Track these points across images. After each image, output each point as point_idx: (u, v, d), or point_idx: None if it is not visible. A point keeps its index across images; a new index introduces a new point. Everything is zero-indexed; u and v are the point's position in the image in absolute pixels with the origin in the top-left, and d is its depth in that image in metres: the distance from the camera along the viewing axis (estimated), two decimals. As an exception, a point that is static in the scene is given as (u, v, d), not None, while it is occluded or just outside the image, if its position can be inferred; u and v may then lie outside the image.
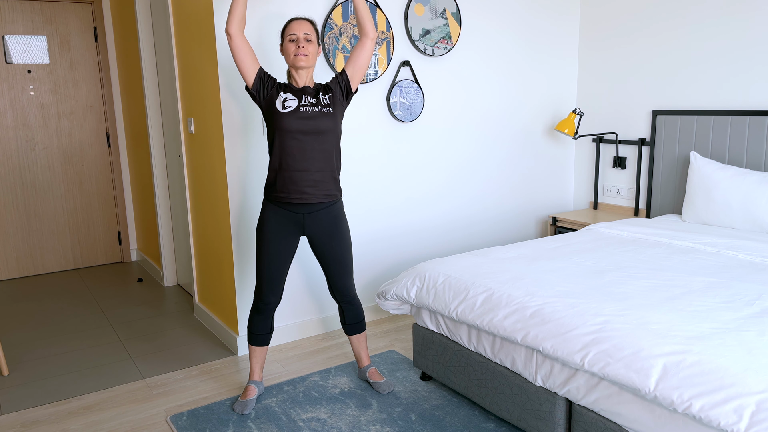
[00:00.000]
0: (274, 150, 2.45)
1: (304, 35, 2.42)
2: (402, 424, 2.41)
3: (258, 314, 2.57)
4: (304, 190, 2.45)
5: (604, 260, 2.60)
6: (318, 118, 2.42)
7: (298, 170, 2.43)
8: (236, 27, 2.39)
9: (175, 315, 3.76)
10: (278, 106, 2.42)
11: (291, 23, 2.45)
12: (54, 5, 4.56)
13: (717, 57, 3.43)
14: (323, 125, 2.42)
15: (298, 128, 2.40)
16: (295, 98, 2.43)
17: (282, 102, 2.42)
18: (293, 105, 2.41)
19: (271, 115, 2.43)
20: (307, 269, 3.29)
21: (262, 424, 2.44)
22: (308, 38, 2.43)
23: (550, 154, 4.19)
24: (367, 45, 2.51)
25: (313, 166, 2.44)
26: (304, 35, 2.42)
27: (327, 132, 2.44)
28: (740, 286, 2.22)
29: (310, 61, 2.44)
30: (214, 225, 3.24)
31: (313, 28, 2.48)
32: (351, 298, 2.65)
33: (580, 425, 2.01)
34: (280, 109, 2.41)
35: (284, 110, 2.40)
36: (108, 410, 2.60)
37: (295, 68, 2.45)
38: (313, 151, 2.43)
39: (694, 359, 1.66)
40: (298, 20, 2.45)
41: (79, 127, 4.76)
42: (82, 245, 4.88)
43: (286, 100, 2.43)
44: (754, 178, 3.07)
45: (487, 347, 2.31)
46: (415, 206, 3.64)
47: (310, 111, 2.42)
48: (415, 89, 3.46)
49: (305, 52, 2.41)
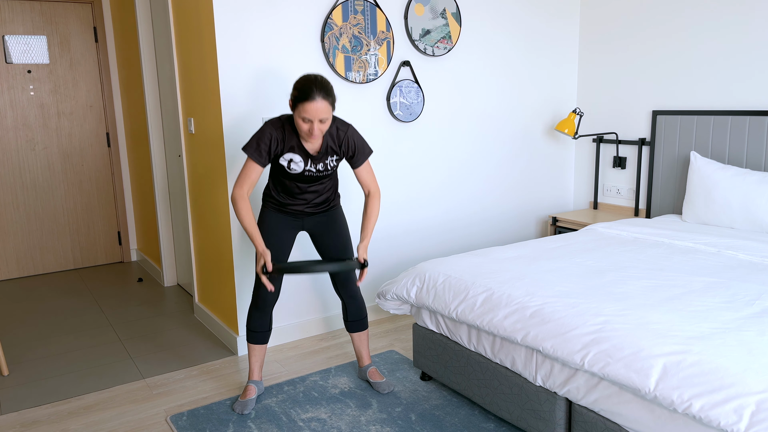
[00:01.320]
0: (275, 181, 2.49)
1: (320, 121, 2.24)
2: (402, 424, 2.41)
3: (256, 310, 2.57)
4: (304, 210, 2.54)
5: (604, 260, 2.60)
6: (320, 176, 2.46)
7: (298, 201, 2.51)
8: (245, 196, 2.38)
9: (175, 315, 3.76)
10: (284, 164, 2.40)
11: (306, 105, 2.21)
12: (54, 5, 4.56)
13: (717, 57, 3.43)
14: (325, 177, 2.49)
15: (300, 181, 2.46)
16: (301, 161, 2.38)
17: (288, 162, 2.39)
18: (298, 169, 2.40)
19: (276, 163, 2.43)
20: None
21: (262, 424, 2.44)
22: (323, 121, 2.26)
23: (550, 154, 4.19)
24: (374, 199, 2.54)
25: (312, 196, 2.52)
26: (319, 121, 2.24)
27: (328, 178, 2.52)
28: (740, 286, 2.22)
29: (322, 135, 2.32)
30: (214, 225, 3.24)
31: (331, 104, 2.26)
32: (354, 293, 2.67)
33: (580, 425, 2.01)
34: (285, 168, 2.41)
35: (289, 170, 2.41)
36: (108, 410, 2.60)
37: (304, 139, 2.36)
38: (314, 188, 2.50)
39: (694, 359, 1.66)
40: (315, 104, 2.20)
41: (79, 127, 4.76)
42: (82, 245, 4.88)
43: (291, 161, 2.39)
44: (754, 178, 3.07)
45: (487, 347, 2.31)
46: (415, 206, 3.64)
47: (315, 173, 2.44)
48: (415, 89, 3.46)
49: (317, 133, 2.26)
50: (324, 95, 2.22)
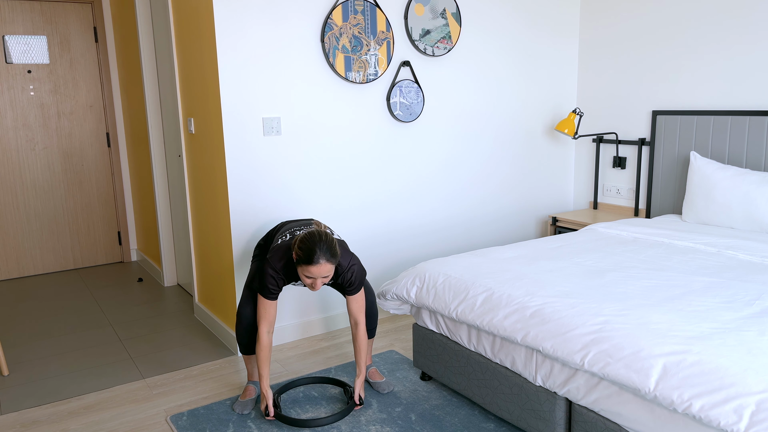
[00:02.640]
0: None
1: (322, 279, 2.25)
2: (402, 424, 2.41)
3: (242, 327, 2.53)
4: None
5: (604, 260, 2.60)
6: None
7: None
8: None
9: (175, 315, 3.76)
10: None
11: (310, 267, 2.20)
12: (54, 5, 4.56)
13: (717, 57, 3.43)
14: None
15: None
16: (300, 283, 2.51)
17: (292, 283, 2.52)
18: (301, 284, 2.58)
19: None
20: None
21: (262, 424, 2.44)
22: (326, 277, 2.26)
23: (550, 154, 4.19)
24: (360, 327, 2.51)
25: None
26: (321, 279, 2.25)
27: None
28: (740, 286, 2.22)
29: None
30: (214, 225, 3.24)
31: (335, 264, 2.25)
32: (370, 305, 2.66)
33: (580, 425, 2.01)
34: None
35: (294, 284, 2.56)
36: (108, 410, 2.60)
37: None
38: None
39: (694, 359, 1.66)
40: (320, 265, 2.19)
41: (79, 127, 4.76)
42: (82, 245, 4.88)
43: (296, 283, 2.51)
44: (754, 178, 3.07)
45: (487, 347, 2.31)
46: (415, 206, 3.64)
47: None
48: (415, 89, 3.46)
49: (319, 287, 2.29)
50: (327, 258, 2.20)
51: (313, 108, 3.17)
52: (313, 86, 3.15)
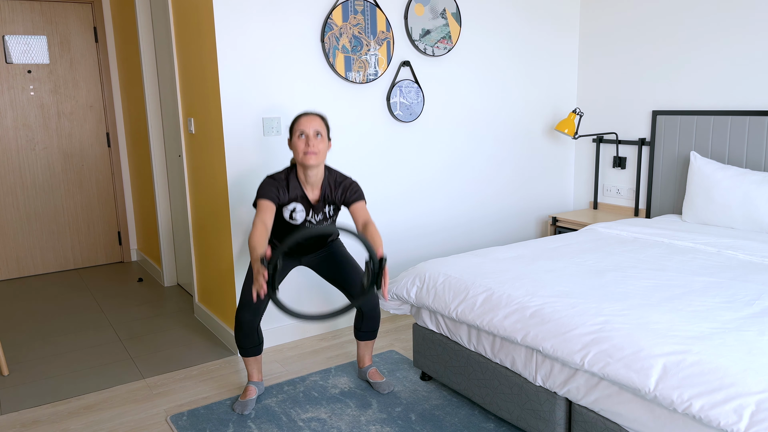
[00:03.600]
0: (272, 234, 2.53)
1: (314, 132, 2.32)
2: (402, 424, 2.41)
3: (240, 331, 2.52)
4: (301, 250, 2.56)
5: (604, 260, 2.60)
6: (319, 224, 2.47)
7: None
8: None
9: (175, 315, 3.76)
10: (285, 215, 2.44)
11: (300, 119, 2.35)
12: (54, 5, 4.56)
13: (717, 57, 3.43)
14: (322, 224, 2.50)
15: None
16: (303, 211, 2.44)
17: (290, 213, 2.43)
18: (299, 219, 2.45)
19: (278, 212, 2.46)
20: (308, 269, 3.29)
21: (262, 424, 2.44)
22: (318, 134, 2.33)
23: (550, 154, 4.19)
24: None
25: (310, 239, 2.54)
26: (314, 132, 2.32)
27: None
28: (740, 286, 2.22)
29: (320, 158, 2.34)
30: (214, 225, 3.24)
31: (324, 123, 2.38)
32: (375, 304, 2.63)
33: (580, 425, 2.01)
34: (287, 218, 2.45)
35: (290, 220, 2.45)
36: (108, 410, 2.60)
37: (304, 166, 2.36)
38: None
39: (694, 359, 1.66)
40: (308, 116, 2.35)
41: (79, 127, 4.76)
42: (82, 245, 4.88)
43: (294, 211, 2.43)
44: (754, 178, 3.07)
45: (487, 347, 2.31)
46: (415, 206, 3.64)
47: (314, 222, 2.48)
48: (415, 89, 3.46)
49: (315, 149, 2.31)
50: (317, 114, 2.38)
51: (313, 108, 3.17)
52: (313, 86, 3.15)
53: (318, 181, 2.42)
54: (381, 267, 2.07)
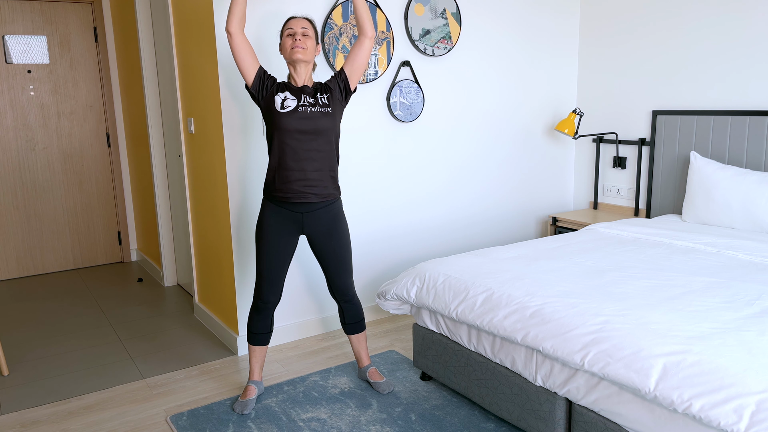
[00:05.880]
0: (273, 149, 2.45)
1: (302, 29, 2.44)
2: (402, 424, 2.41)
3: (257, 314, 2.56)
4: (303, 189, 2.45)
5: (604, 260, 2.60)
6: (317, 118, 2.42)
7: (296, 169, 2.43)
8: (236, 25, 2.39)
9: (175, 315, 3.76)
10: (277, 106, 2.42)
11: (289, 20, 2.48)
12: (54, 5, 4.56)
13: (717, 57, 3.43)
14: (322, 125, 2.42)
15: (297, 128, 2.40)
16: (294, 98, 2.43)
17: (281, 102, 2.43)
18: (292, 105, 2.42)
19: (270, 115, 2.43)
20: (307, 269, 3.29)
21: (262, 424, 2.44)
22: (306, 33, 2.44)
23: (550, 154, 4.19)
24: (366, 44, 2.51)
25: (311, 165, 2.44)
26: (301, 29, 2.44)
27: (326, 131, 2.44)
28: (740, 286, 2.22)
29: (308, 54, 2.44)
30: (214, 225, 3.24)
31: (311, 25, 2.49)
32: (350, 297, 2.65)
33: (580, 425, 2.01)
34: (279, 109, 2.41)
35: (283, 110, 2.41)
36: (108, 410, 2.60)
37: (293, 63, 2.45)
38: (312, 151, 2.43)
39: (694, 359, 1.66)
40: (296, 18, 2.48)
41: (79, 127, 4.76)
42: (82, 245, 4.88)
43: (285, 99, 2.43)
44: (754, 178, 3.07)
45: (487, 347, 2.31)
46: (415, 206, 3.64)
47: (309, 111, 2.42)
48: (415, 89, 3.46)
49: (302, 45, 2.42)
50: (305, 17, 2.49)
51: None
52: (313, 86, 3.15)
53: (308, 81, 2.51)
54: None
